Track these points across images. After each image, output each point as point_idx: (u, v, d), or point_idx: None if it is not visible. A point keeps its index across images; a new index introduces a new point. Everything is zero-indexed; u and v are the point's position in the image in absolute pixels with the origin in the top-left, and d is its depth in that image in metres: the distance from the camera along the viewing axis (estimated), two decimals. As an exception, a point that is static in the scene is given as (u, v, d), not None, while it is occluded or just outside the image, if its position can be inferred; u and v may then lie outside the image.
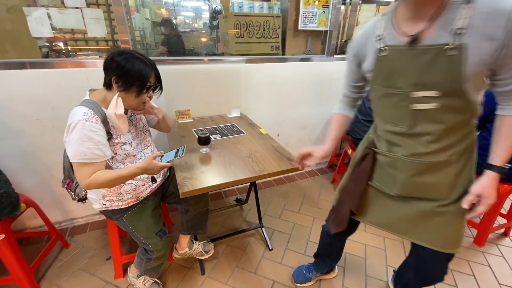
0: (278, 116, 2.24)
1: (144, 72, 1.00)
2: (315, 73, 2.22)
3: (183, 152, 1.09)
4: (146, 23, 3.74)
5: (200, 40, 3.09)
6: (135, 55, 1.01)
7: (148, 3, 3.93)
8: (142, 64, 1.00)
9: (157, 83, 1.10)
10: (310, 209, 2.10)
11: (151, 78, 1.03)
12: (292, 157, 1.32)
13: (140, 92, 1.03)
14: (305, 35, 2.19)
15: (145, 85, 1.02)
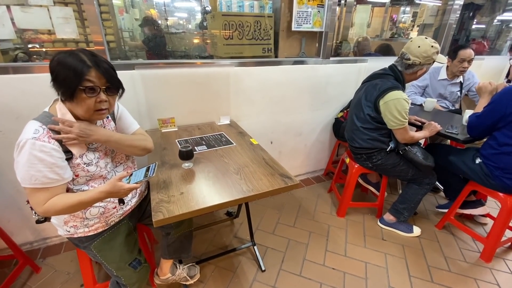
0: (271, 122, 2.10)
1: (76, 69, 0.79)
2: (310, 77, 2.08)
3: (154, 171, 0.94)
4: (136, 24, 3.58)
5: (192, 41, 2.93)
6: (74, 53, 0.81)
7: (138, 3, 3.77)
8: (75, 61, 0.79)
9: (107, 82, 0.86)
10: (306, 222, 1.96)
11: (89, 75, 0.80)
12: (285, 172, 1.18)
13: (78, 95, 0.81)
14: (299, 37, 2.05)
15: (78, 84, 0.79)
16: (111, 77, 0.86)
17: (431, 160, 1.67)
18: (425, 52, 1.47)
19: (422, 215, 2.08)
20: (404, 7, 6.39)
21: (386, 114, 1.55)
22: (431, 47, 1.47)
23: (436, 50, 1.47)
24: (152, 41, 2.22)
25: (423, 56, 1.48)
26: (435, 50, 1.47)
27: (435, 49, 1.47)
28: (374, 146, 1.70)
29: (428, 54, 1.47)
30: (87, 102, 0.83)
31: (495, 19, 3.32)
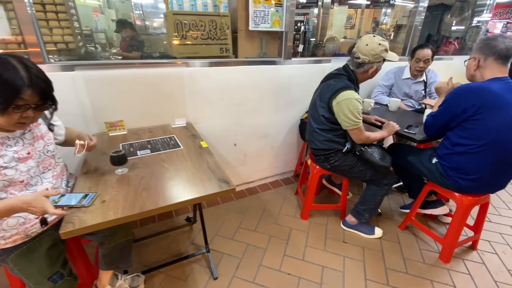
0: (234, 124, 2.05)
1: (13, 87, 0.77)
2: (272, 78, 2.05)
3: (92, 201, 0.88)
4: (112, 25, 3.49)
5: (157, 43, 2.87)
6: (9, 64, 0.78)
7: (114, 4, 3.68)
8: (12, 77, 0.77)
9: (40, 100, 0.84)
10: (268, 226, 1.92)
11: (24, 95, 0.79)
12: (224, 177, 1.13)
13: (6, 109, 0.79)
14: (260, 37, 2.02)
15: (11, 103, 0.78)
16: (45, 96, 0.85)
17: (388, 160, 1.65)
18: (373, 50, 1.45)
19: (386, 216, 2.06)
20: (385, 8, 6.46)
21: (339, 115, 1.52)
22: (379, 45, 1.45)
23: (384, 47, 1.45)
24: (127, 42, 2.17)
25: (371, 54, 1.46)
26: (383, 47, 1.45)
27: (382, 46, 1.45)
28: (330, 147, 1.67)
29: (376, 52, 1.45)
30: (12, 116, 0.81)
31: (467, 19, 3.36)
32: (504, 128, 1.34)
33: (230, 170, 2.20)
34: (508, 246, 1.81)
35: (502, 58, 1.37)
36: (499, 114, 1.34)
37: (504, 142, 1.35)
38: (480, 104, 1.36)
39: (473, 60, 1.45)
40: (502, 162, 1.39)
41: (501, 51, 1.35)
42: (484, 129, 1.37)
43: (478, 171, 1.43)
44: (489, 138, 1.36)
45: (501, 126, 1.34)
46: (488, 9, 3.20)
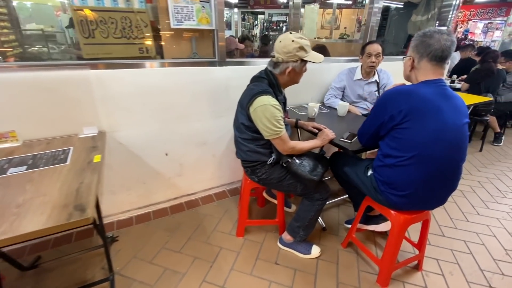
0: (163, 132, 1.86)
1: None
2: (205, 80, 1.86)
3: None
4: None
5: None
6: None
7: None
8: None
9: None
10: (196, 246, 1.73)
11: None
12: (84, 204, 0.93)
13: None
14: (189, 36, 1.83)
15: None
16: None
17: (318, 173, 1.47)
18: (285, 47, 1.28)
19: (332, 231, 1.89)
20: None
21: (257, 123, 1.35)
22: (292, 42, 1.27)
23: (298, 45, 1.27)
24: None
25: (284, 52, 1.29)
26: (297, 45, 1.27)
27: (296, 44, 1.27)
28: (254, 158, 1.49)
29: (289, 50, 1.28)
30: None
31: (433, 18, 3.21)
32: (430, 139, 1.17)
33: (164, 182, 2.01)
34: (457, 265, 1.65)
35: (437, 59, 1.20)
36: (426, 122, 1.17)
37: (431, 154, 1.18)
38: (407, 111, 1.19)
39: (409, 59, 1.28)
40: (435, 177, 1.22)
41: (436, 51, 1.18)
42: (411, 139, 1.21)
43: (408, 187, 1.26)
44: (417, 149, 1.20)
45: (427, 136, 1.17)
46: (454, 8, 3.06)
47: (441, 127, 1.16)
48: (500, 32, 7.51)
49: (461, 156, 1.23)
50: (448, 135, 1.17)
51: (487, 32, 7.65)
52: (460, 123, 1.20)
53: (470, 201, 2.30)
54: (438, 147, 1.17)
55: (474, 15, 7.36)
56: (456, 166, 1.24)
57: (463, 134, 1.21)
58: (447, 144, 1.17)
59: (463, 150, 1.23)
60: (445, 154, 1.18)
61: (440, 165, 1.20)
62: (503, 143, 3.62)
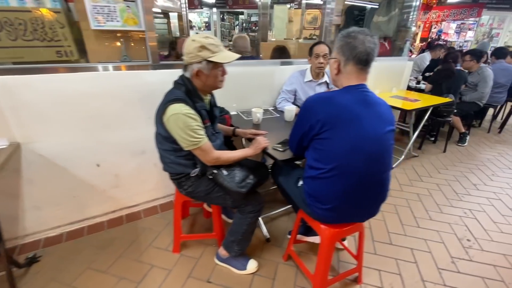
0: (91, 141, 1.72)
1: None
2: (137, 85, 1.74)
3: None
4: None
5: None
6: None
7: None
8: None
9: None
10: (125, 264, 1.60)
11: None
12: None
13: None
14: (117, 38, 1.70)
15: None
16: None
17: (248, 184, 1.37)
18: (186, 48, 1.19)
19: (277, 242, 1.79)
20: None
21: (173, 133, 1.23)
22: (192, 41, 1.17)
23: (199, 44, 1.16)
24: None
25: (186, 53, 1.19)
26: (197, 44, 1.16)
27: (196, 43, 1.16)
28: (178, 171, 1.38)
29: (189, 50, 1.18)
30: None
31: (394, 18, 3.18)
32: (348, 149, 1.09)
33: (98, 195, 1.87)
34: (399, 276, 1.58)
35: (362, 63, 1.12)
36: (344, 132, 1.09)
37: (350, 166, 1.10)
38: (325, 120, 1.10)
39: (335, 61, 1.18)
40: (357, 189, 1.14)
41: (360, 54, 1.10)
42: (330, 150, 1.12)
43: (332, 200, 1.18)
44: (336, 161, 1.11)
45: (345, 146, 1.09)
46: (415, 9, 3.03)
47: (359, 137, 1.08)
48: (472, 33, 7.66)
49: (384, 166, 1.16)
50: (367, 144, 1.09)
51: (460, 33, 7.79)
52: (382, 131, 1.12)
53: (425, 205, 2.26)
54: (356, 157, 1.09)
55: (447, 16, 7.47)
56: (379, 177, 1.16)
57: (385, 143, 1.14)
58: (366, 154, 1.09)
59: (386, 160, 1.16)
60: (364, 164, 1.10)
61: (360, 177, 1.12)
62: (468, 143, 3.63)
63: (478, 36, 8.27)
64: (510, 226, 2.04)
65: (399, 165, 2.91)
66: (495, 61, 3.98)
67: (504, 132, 4.20)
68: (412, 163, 3.01)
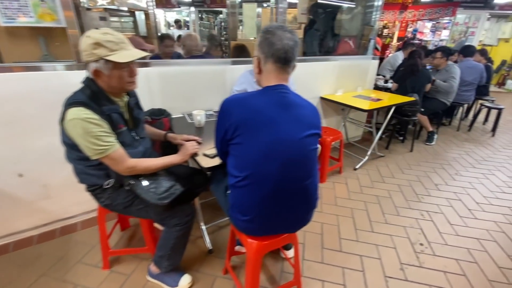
0: (9, 149, 1.56)
1: None
2: (63, 86, 1.56)
3: None
4: None
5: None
6: None
7: None
8: None
9: None
10: (46, 285, 1.45)
11: None
12: None
13: None
14: (35, 35, 1.55)
15: None
16: None
17: (171, 195, 1.25)
18: (81, 44, 1.06)
19: (219, 254, 1.68)
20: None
21: (75, 140, 1.10)
22: (86, 38, 1.04)
23: (93, 41, 1.02)
24: None
25: (82, 50, 1.06)
26: (91, 41, 1.02)
27: (90, 39, 1.03)
28: (89, 182, 1.25)
29: (84, 47, 1.05)
30: None
31: (358, 16, 3.12)
32: (261, 155, 0.98)
33: (25, 208, 1.70)
34: (343, 286, 1.49)
35: (281, 61, 1.02)
36: (257, 136, 0.98)
37: (264, 173, 1.00)
38: (236, 124, 1.00)
39: (255, 59, 1.08)
40: (275, 198, 1.04)
41: (278, 52, 1.00)
42: (244, 156, 1.02)
43: (250, 211, 1.08)
44: (250, 168, 1.01)
45: (258, 152, 0.98)
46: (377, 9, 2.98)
47: (273, 142, 0.98)
48: (447, 32, 7.75)
49: (305, 173, 1.06)
50: (282, 150, 0.99)
51: (435, 32, 7.88)
52: (300, 135, 1.02)
53: (383, 208, 2.19)
54: (270, 164, 0.99)
55: (423, 15, 7.53)
56: (300, 184, 1.06)
57: (304, 148, 1.04)
58: (282, 161, 0.99)
59: (306, 166, 1.06)
60: (280, 172, 1.00)
61: (276, 185, 1.02)
62: (436, 142, 3.61)
63: (454, 35, 8.39)
64: (466, 229, 2.00)
65: (363, 166, 2.85)
66: (463, 59, 3.99)
67: (474, 130, 4.23)
68: (377, 163, 2.96)
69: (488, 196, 2.42)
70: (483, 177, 2.75)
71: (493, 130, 4.02)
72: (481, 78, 3.86)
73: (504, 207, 2.27)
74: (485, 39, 8.65)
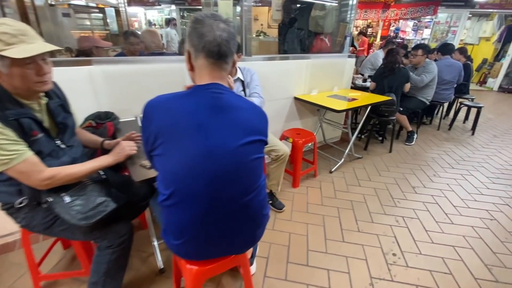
0: None
1: None
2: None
3: None
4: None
5: None
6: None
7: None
8: None
9: None
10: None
11: None
12: None
13: None
14: None
15: None
16: None
17: (99, 213, 1.07)
18: None
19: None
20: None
21: (-29, 152, 0.91)
22: None
23: None
24: None
25: None
26: None
27: None
28: (1, 200, 1.06)
29: None
30: None
31: (332, 13, 2.99)
32: (187, 168, 0.82)
33: None
34: (304, 308, 1.35)
35: (214, 56, 0.85)
36: (181, 146, 0.82)
37: (191, 190, 0.84)
38: (157, 132, 0.83)
39: (186, 53, 0.91)
40: (211, 218, 0.88)
41: (210, 45, 0.83)
42: (166, 170, 0.86)
43: (183, 234, 0.92)
44: (174, 184, 0.85)
45: (183, 164, 0.82)
46: (352, 7, 2.86)
47: (200, 152, 0.82)
48: (429, 31, 7.79)
49: (242, 189, 0.90)
50: (211, 162, 0.83)
51: (417, 30, 7.91)
52: (236, 143, 0.86)
53: (356, 214, 2.07)
54: (197, 180, 0.83)
55: (405, 14, 7.53)
56: (238, 202, 0.90)
57: (241, 159, 0.88)
58: (211, 175, 0.83)
59: (244, 180, 0.90)
60: (210, 187, 0.84)
61: (209, 204, 0.86)
62: (416, 142, 3.54)
63: (436, 34, 8.45)
64: (442, 235, 1.89)
65: (339, 168, 2.72)
66: (441, 57, 3.93)
67: (454, 129, 4.18)
68: (354, 165, 2.84)
69: (466, 198, 2.34)
70: (461, 178, 2.67)
71: (473, 129, 3.98)
72: (459, 76, 3.81)
73: (481, 210, 2.19)
74: (466, 38, 8.74)
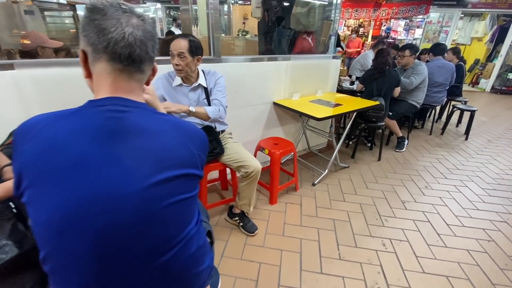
0: None
1: None
2: None
3: None
4: None
5: None
6: None
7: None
8: None
9: None
10: None
11: None
12: None
13: None
14: None
15: None
16: None
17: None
18: None
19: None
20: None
21: None
22: None
23: None
24: None
25: None
26: None
27: None
28: None
29: None
30: None
31: (314, 10, 2.75)
32: (58, 226, 0.56)
33: None
34: None
35: (122, 61, 0.59)
36: (49, 193, 0.55)
37: (71, 253, 0.57)
38: (20, 170, 0.57)
39: (80, 53, 0.63)
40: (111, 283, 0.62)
41: (116, 44, 0.57)
42: (36, 224, 0.59)
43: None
44: (45, 247, 0.58)
45: (51, 221, 0.56)
46: (336, 7, 2.63)
47: (76, 201, 0.55)
48: (421, 30, 7.63)
49: (153, 245, 0.63)
50: (97, 212, 0.56)
51: (409, 30, 7.75)
52: (141, 184, 0.59)
53: (338, 238, 1.82)
54: (80, 238, 0.56)
55: (396, 13, 7.36)
56: (149, 264, 0.63)
57: (149, 205, 0.60)
58: (100, 231, 0.56)
59: (160, 232, 0.63)
60: (104, 250, 0.58)
61: (100, 273, 0.59)
62: (407, 148, 3.32)
63: (429, 34, 8.30)
64: (434, 262, 1.65)
65: (322, 180, 2.48)
66: (433, 58, 3.72)
67: (447, 133, 3.98)
68: (339, 176, 2.60)
69: (460, 215, 2.11)
70: (455, 191, 2.45)
71: (466, 133, 3.79)
72: (451, 78, 3.61)
73: (477, 229, 1.96)
74: (458, 38, 8.63)
